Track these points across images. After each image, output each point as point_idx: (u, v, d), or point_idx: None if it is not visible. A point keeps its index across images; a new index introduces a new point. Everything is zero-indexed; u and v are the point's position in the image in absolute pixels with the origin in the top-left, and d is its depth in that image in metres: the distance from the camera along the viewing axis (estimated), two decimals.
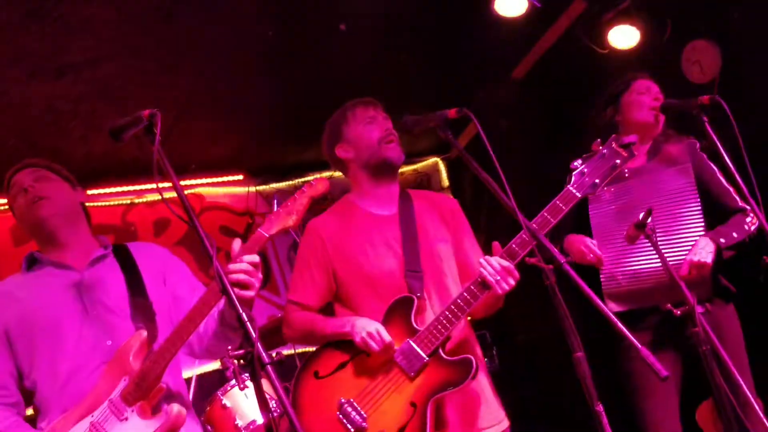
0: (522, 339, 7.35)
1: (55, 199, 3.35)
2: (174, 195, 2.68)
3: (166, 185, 2.65)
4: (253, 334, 2.41)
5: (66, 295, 3.28)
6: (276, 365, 2.42)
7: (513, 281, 3.23)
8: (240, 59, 5.91)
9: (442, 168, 8.45)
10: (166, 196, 2.65)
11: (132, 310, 3.28)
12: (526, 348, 7.32)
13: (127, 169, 6.71)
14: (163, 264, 3.51)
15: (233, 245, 2.92)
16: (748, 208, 4.01)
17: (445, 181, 8.38)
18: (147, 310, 3.29)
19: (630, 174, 4.27)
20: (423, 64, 6.49)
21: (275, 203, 3.10)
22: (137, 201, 7.21)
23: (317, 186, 3.06)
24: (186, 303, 2.98)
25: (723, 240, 4.00)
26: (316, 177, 3.12)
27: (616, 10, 5.79)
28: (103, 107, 5.80)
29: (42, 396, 3.20)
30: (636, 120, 4.33)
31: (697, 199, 4.15)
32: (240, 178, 7.67)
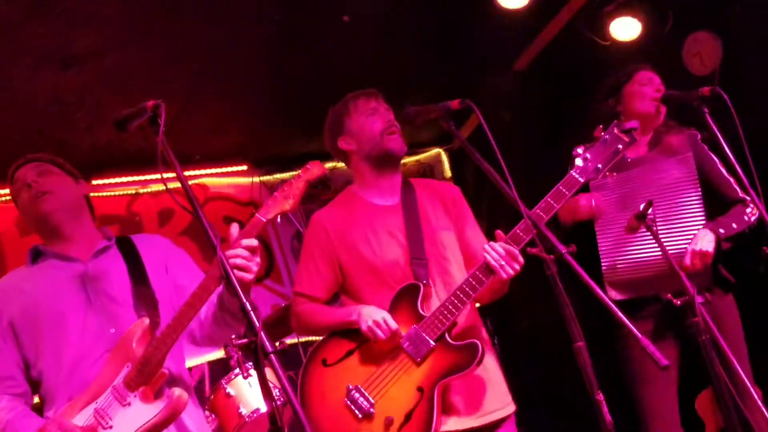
0: (523, 327, 7.37)
1: (59, 194, 3.37)
2: (178, 185, 2.70)
3: (170, 176, 2.66)
4: (257, 323, 2.42)
5: (70, 286, 3.30)
6: (279, 354, 2.43)
7: (518, 266, 3.25)
8: (243, 50, 5.91)
9: (444, 159, 8.44)
10: (170, 186, 2.66)
11: (135, 299, 3.30)
12: (527, 336, 7.34)
13: (132, 160, 6.71)
14: (166, 254, 3.53)
15: (231, 230, 2.92)
16: (748, 199, 4.02)
17: (448, 172, 8.38)
18: (149, 298, 3.31)
19: (631, 164, 4.28)
20: (425, 55, 6.48)
21: None
22: (142, 191, 7.22)
23: (313, 170, 3.06)
24: (188, 291, 2.99)
25: (722, 230, 4.02)
26: (311, 161, 3.11)
27: (617, 2, 5.80)
28: (108, 98, 5.83)
29: (48, 385, 3.22)
30: (637, 111, 4.33)
31: (698, 189, 4.16)
32: (244, 168, 7.67)
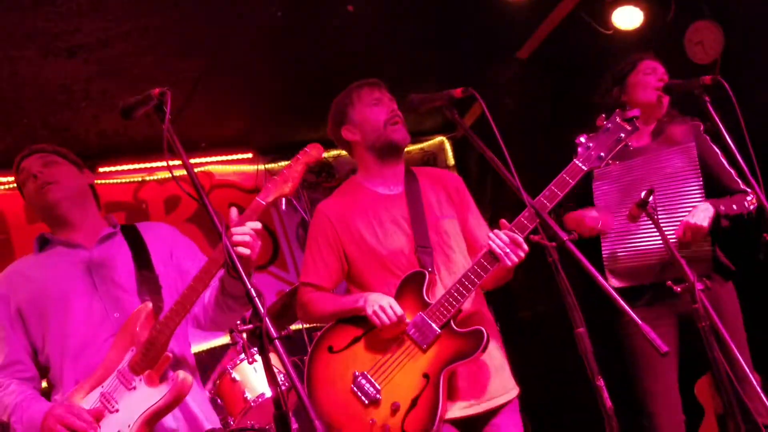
0: (525, 314, 7.40)
1: (64, 183, 3.41)
2: (184, 173, 2.71)
3: (176, 163, 2.68)
4: (261, 309, 2.45)
5: (76, 272, 3.35)
6: (284, 340, 2.46)
7: (522, 253, 3.27)
8: (249, 38, 5.91)
9: (448, 147, 8.41)
10: (176, 173, 2.67)
11: (139, 285, 3.34)
12: (529, 323, 7.38)
13: (139, 147, 6.73)
14: (171, 241, 3.57)
15: (231, 214, 2.95)
16: (749, 190, 4.05)
17: (451, 160, 8.36)
18: (154, 284, 3.35)
19: (634, 153, 4.30)
20: (429, 44, 6.47)
21: None
22: (148, 178, 7.21)
23: (311, 152, 3.08)
24: (192, 276, 3.03)
25: (723, 207, 4.04)
26: (310, 144, 3.12)
27: None
28: (115, 86, 5.84)
29: (55, 370, 3.27)
30: (640, 100, 4.34)
31: (699, 179, 4.18)
32: (249, 156, 7.64)
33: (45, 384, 3.35)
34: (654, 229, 3.84)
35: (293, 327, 6.05)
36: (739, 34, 5.41)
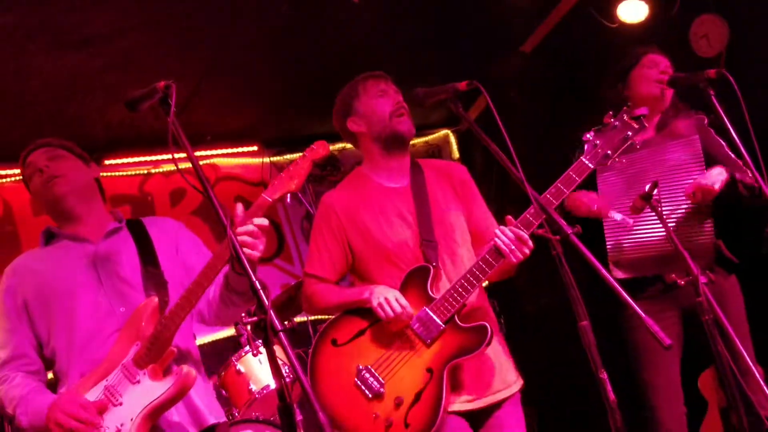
0: (529, 307, 7.41)
1: (70, 177, 3.42)
2: (190, 165, 2.71)
3: (181, 156, 2.68)
4: (266, 301, 2.45)
5: (81, 266, 3.36)
6: (289, 332, 2.47)
7: (527, 250, 3.29)
8: (255, 32, 5.93)
9: (452, 140, 8.43)
10: (181, 166, 2.68)
11: (144, 279, 3.34)
12: (533, 316, 7.38)
13: (145, 140, 6.75)
14: (176, 236, 3.57)
15: (236, 210, 2.95)
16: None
17: (456, 153, 8.37)
18: (159, 279, 3.36)
19: (638, 146, 4.30)
20: (434, 37, 6.49)
21: None
22: (154, 171, 7.24)
23: (318, 150, 3.07)
24: (197, 272, 3.04)
25: (738, 175, 4.02)
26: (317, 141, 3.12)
27: None
28: (123, 79, 5.84)
29: (60, 363, 3.28)
30: (642, 94, 4.34)
31: (703, 171, 4.15)
32: (255, 149, 7.67)
33: (51, 376, 3.36)
34: (658, 222, 3.84)
35: (297, 319, 6.07)
36: (744, 27, 5.40)
